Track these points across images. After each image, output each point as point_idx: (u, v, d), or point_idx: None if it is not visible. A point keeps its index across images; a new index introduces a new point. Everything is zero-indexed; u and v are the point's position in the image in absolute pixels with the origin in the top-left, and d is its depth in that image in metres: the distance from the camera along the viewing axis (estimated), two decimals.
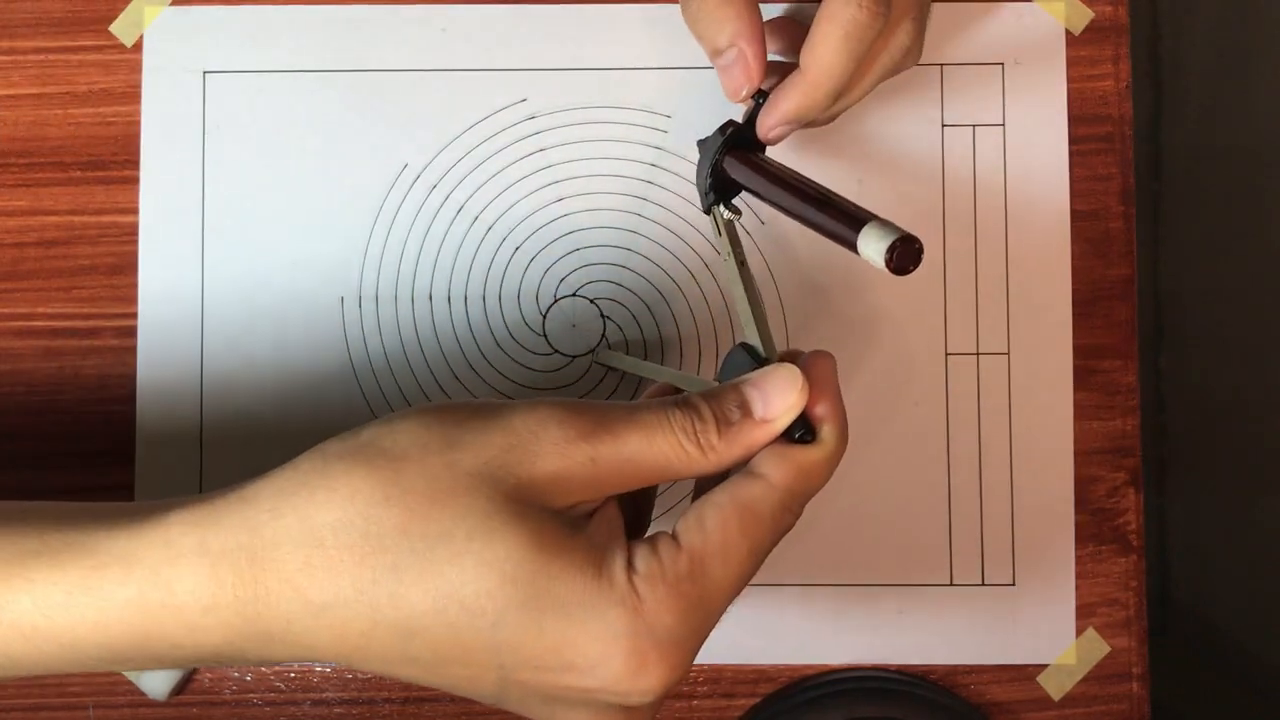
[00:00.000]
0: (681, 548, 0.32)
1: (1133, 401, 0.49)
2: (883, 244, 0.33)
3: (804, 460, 0.34)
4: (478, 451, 0.32)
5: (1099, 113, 0.49)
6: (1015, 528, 0.48)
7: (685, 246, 0.48)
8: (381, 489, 0.31)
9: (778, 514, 0.33)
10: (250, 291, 0.48)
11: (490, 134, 0.48)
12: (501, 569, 0.31)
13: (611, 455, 0.33)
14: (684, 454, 0.33)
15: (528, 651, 0.31)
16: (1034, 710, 0.48)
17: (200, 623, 0.32)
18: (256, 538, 0.32)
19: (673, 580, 0.32)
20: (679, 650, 0.32)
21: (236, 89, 0.48)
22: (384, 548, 0.31)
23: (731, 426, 0.34)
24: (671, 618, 0.31)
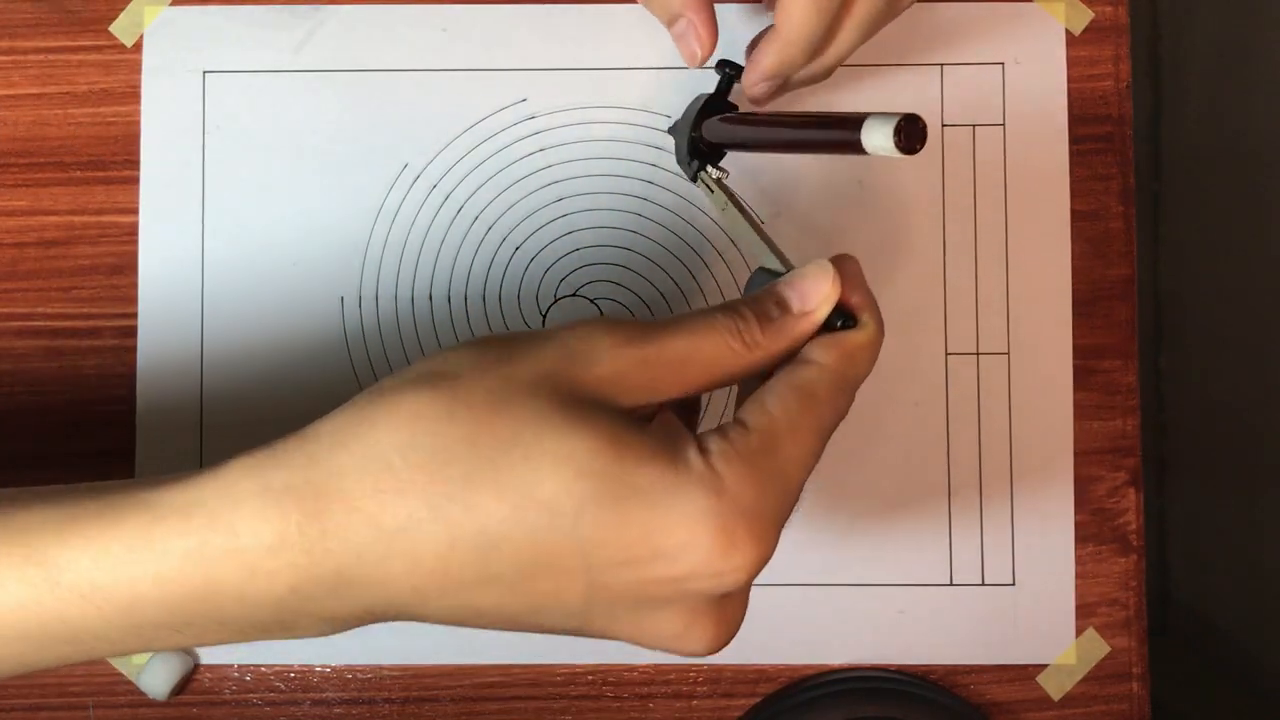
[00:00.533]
0: (750, 428, 0.32)
1: (1133, 401, 0.49)
2: (888, 129, 0.34)
3: (849, 344, 0.35)
4: (532, 364, 0.32)
5: (1099, 113, 0.49)
6: (1015, 528, 0.48)
7: (685, 246, 0.48)
8: (444, 405, 0.31)
9: (833, 395, 0.34)
10: (250, 291, 0.48)
11: (490, 134, 0.48)
12: (576, 463, 0.30)
13: (662, 356, 0.33)
14: (730, 351, 0.34)
15: (614, 545, 0.30)
16: (1034, 710, 0.48)
17: (265, 566, 0.30)
18: (320, 470, 0.31)
19: (748, 455, 0.32)
20: (765, 524, 0.31)
21: (236, 89, 0.48)
22: (454, 459, 0.30)
23: (773, 322, 0.34)
24: (753, 491, 0.31)
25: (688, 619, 0.32)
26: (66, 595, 0.31)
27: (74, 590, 0.31)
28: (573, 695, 0.48)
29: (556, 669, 0.48)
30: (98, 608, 0.31)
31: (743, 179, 0.48)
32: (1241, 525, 0.77)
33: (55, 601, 0.31)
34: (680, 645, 0.33)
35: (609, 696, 0.48)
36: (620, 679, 0.48)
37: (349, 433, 0.31)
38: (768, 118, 0.42)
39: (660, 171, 0.48)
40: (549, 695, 0.48)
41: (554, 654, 0.48)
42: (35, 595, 0.31)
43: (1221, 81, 0.81)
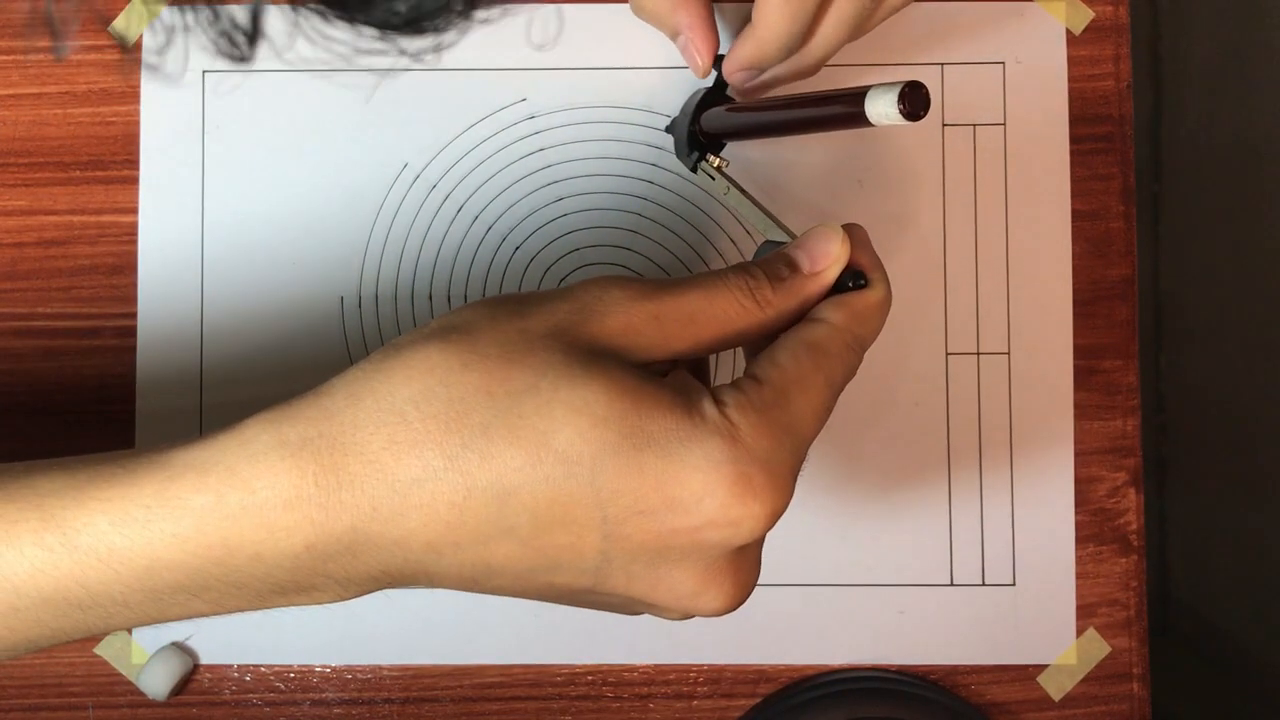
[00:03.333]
0: (762, 382, 0.33)
1: (1133, 401, 0.49)
2: (891, 97, 0.34)
3: (858, 303, 0.35)
4: (545, 317, 0.32)
5: (1099, 113, 0.49)
6: (1015, 528, 0.48)
7: (685, 246, 0.48)
8: (458, 357, 0.31)
9: (844, 352, 0.34)
10: (250, 291, 0.48)
11: (490, 134, 0.48)
12: (592, 412, 0.30)
13: (674, 311, 0.33)
14: (741, 308, 0.34)
15: (630, 494, 0.30)
16: (1034, 710, 0.48)
17: (282, 521, 0.30)
18: (335, 424, 0.31)
19: (762, 407, 0.32)
20: (781, 473, 0.32)
21: (236, 89, 0.48)
22: (469, 409, 0.30)
23: (784, 281, 0.35)
24: (768, 441, 0.31)
25: (704, 574, 0.32)
26: (84, 559, 0.31)
27: (91, 553, 0.31)
28: (573, 695, 0.48)
29: (556, 669, 0.48)
30: (115, 571, 0.31)
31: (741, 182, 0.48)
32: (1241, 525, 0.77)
33: (73, 565, 0.31)
34: (696, 603, 0.33)
35: (609, 696, 0.48)
36: (620, 679, 0.48)
37: (363, 386, 0.31)
38: (764, 102, 0.43)
39: (660, 171, 0.48)
40: (549, 695, 0.48)
41: (554, 654, 0.48)
42: (53, 559, 0.31)
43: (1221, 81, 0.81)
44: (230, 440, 0.31)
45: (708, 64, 0.44)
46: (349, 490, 0.30)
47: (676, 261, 0.48)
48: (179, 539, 0.31)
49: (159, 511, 0.31)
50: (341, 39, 0.24)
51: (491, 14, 0.24)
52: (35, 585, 0.31)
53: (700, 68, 0.44)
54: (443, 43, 0.24)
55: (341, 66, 0.24)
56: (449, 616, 0.48)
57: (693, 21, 0.43)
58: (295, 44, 0.24)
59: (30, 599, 0.31)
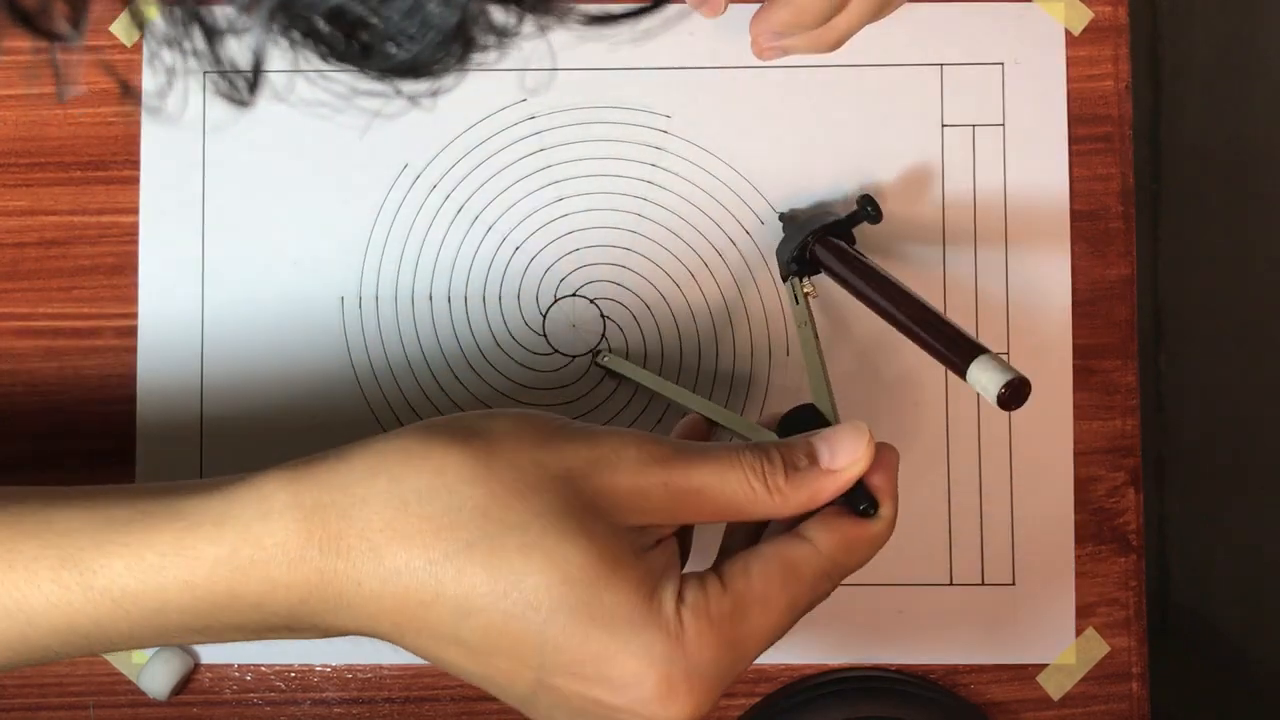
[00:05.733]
0: (726, 590, 0.34)
1: (1133, 401, 0.49)
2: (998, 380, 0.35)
3: (853, 532, 0.35)
4: (564, 457, 0.33)
5: (1099, 113, 0.49)
6: (1015, 527, 0.48)
7: (685, 246, 0.48)
8: (471, 468, 0.32)
9: (818, 579, 0.35)
10: (250, 291, 0.48)
11: (490, 134, 0.48)
12: (565, 569, 0.32)
13: (684, 484, 0.34)
14: (752, 492, 0.35)
15: (569, 655, 0.32)
16: (1034, 710, 0.48)
17: (284, 578, 0.32)
18: (347, 495, 0.32)
19: (715, 618, 0.33)
20: (708, 685, 0.33)
21: None
22: (461, 524, 0.32)
23: (799, 472, 0.35)
24: (709, 653, 0.32)
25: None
26: (99, 599, 0.32)
27: (106, 595, 0.32)
28: None
29: None
30: (126, 611, 0.33)
31: (751, 176, 0.48)
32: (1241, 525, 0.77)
33: (86, 604, 0.32)
34: None
35: None
36: None
37: (382, 465, 0.33)
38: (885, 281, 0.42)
39: (660, 171, 0.48)
40: None
41: None
42: (68, 597, 0.32)
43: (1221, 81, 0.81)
44: (249, 495, 0.33)
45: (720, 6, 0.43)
46: (344, 560, 0.32)
47: (676, 261, 0.48)
48: (189, 586, 0.32)
49: (174, 560, 0.32)
50: (340, 80, 0.25)
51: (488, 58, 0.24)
52: (49, 618, 0.33)
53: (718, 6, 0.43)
54: (440, 87, 0.25)
55: (340, 106, 0.25)
56: None
57: None
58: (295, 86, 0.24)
59: (41, 629, 0.33)
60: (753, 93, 0.48)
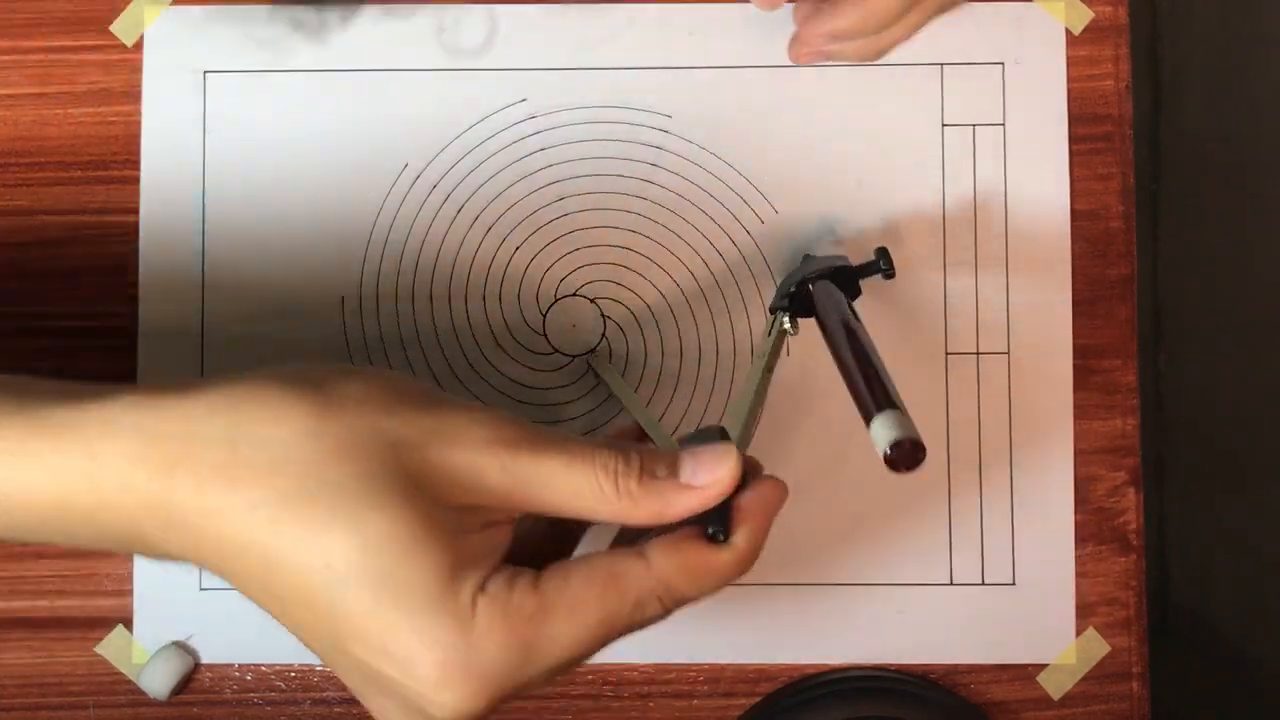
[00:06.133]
0: (537, 589, 0.32)
1: (1133, 401, 0.49)
2: (889, 436, 0.34)
3: (694, 558, 0.34)
4: (404, 425, 0.33)
5: (1099, 113, 0.49)
6: (1015, 527, 0.48)
7: (685, 246, 0.48)
8: (305, 423, 0.32)
9: (644, 600, 0.33)
10: (250, 291, 0.48)
11: (490, 134, 0.48)
12: (367, 536, 0.31)
13: (526, 470, 0.33)
14: (598, 490, 0.33)
15: (358, 623, 0.31)
16: (1034, 710, 0.48)
17: (113, 498, 0.32)
18: (186, 429, 0.32)
19: (513, 614, 0.32)
20: (489, 681, 0.32)
21: (236, 89, 0.48)
22: (282, 475, 0.32)
23: (654, 481, 0.34)
24: (495, 649, 0.32)
25: (405, 715, 0.33)
26: None
27: None
28: (573, 695, 0.48)
29: None
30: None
31: (751, 176, 0.48)
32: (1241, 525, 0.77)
33: None
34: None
35: (609, 696, 0.48)
36: (620, 679, 0.48)
37: (226, 405, 0.33)
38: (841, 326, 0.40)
39: (660, 171, 0.48)
40: (549, 695, 0.48)
41: None
42: None
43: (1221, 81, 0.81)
44: (97, 413, 0.33)
45: None
46: (170, 492, 0.32)
47: (676, 261, 0.48)
48: (27, 487, 0.33)
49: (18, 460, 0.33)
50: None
51: None
52: None
53: None
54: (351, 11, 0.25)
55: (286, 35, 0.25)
56: None
57: None
58: None
59: None
60: (753, 93, 0.48)
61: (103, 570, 0.48)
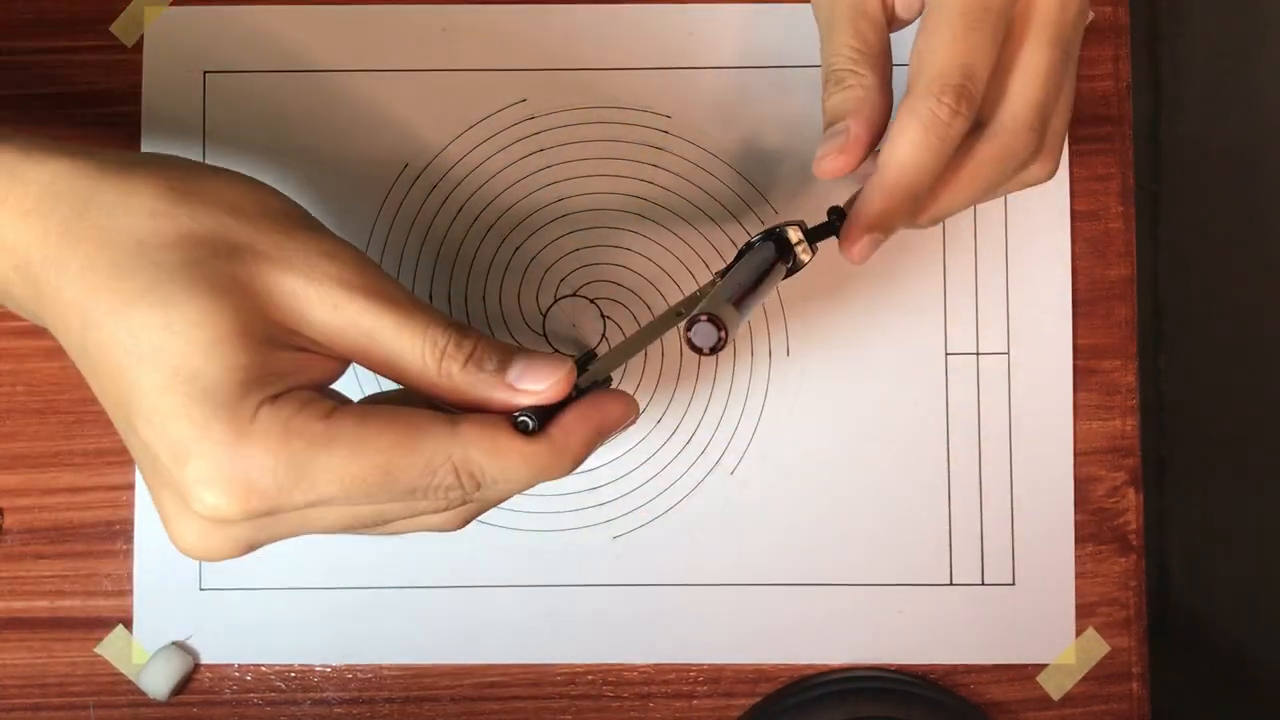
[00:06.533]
0: (326, 419, 0.32)
1: (1132, 401, 0.49)
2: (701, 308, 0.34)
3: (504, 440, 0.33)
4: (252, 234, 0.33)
5: (1099, 113, 0.49)
6: (1015, 527, 0.48)
7: (685, 246, 0.48)
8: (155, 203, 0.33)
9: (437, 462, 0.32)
10: None
11: (490, 134, 0.48)
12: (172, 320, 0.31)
13: (355, 318, 0.33)
14: (420, 360, 0.33)
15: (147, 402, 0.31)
16: (1034, 710, 0.48)
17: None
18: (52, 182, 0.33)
19: (293, 433, 0.32)
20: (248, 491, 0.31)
21: (236, 89, 0.48)
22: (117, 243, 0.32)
23: (479, 372, 0.34)
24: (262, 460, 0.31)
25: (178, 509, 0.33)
26: None
27: None
28: (573, 695, 0.48)
29: (556, 669, 0.48)
30: None
31: (751, 176, 0.48)
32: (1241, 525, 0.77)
33: None
34: (166, 527, 0.34)
35: (609, 696, 0.48)
36: (620, 679, 0.48)
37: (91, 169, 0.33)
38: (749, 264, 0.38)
39: (660, 172, 0.48)
40: (549, 695, 0.48)
41: (554, 654, 0.48)
42: None
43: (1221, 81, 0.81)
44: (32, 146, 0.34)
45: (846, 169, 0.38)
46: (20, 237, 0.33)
47: (676, 261, 0.48)
48: None
49: None
50: None
51: None
52: None
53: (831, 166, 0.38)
54: None
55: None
56: (449, 616, 0.48)
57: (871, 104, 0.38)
58: None
59: None
60: (753, 93, 0.48)
61: (103, 570, 0.48)
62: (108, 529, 0.48)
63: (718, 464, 0.48)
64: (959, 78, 0.37)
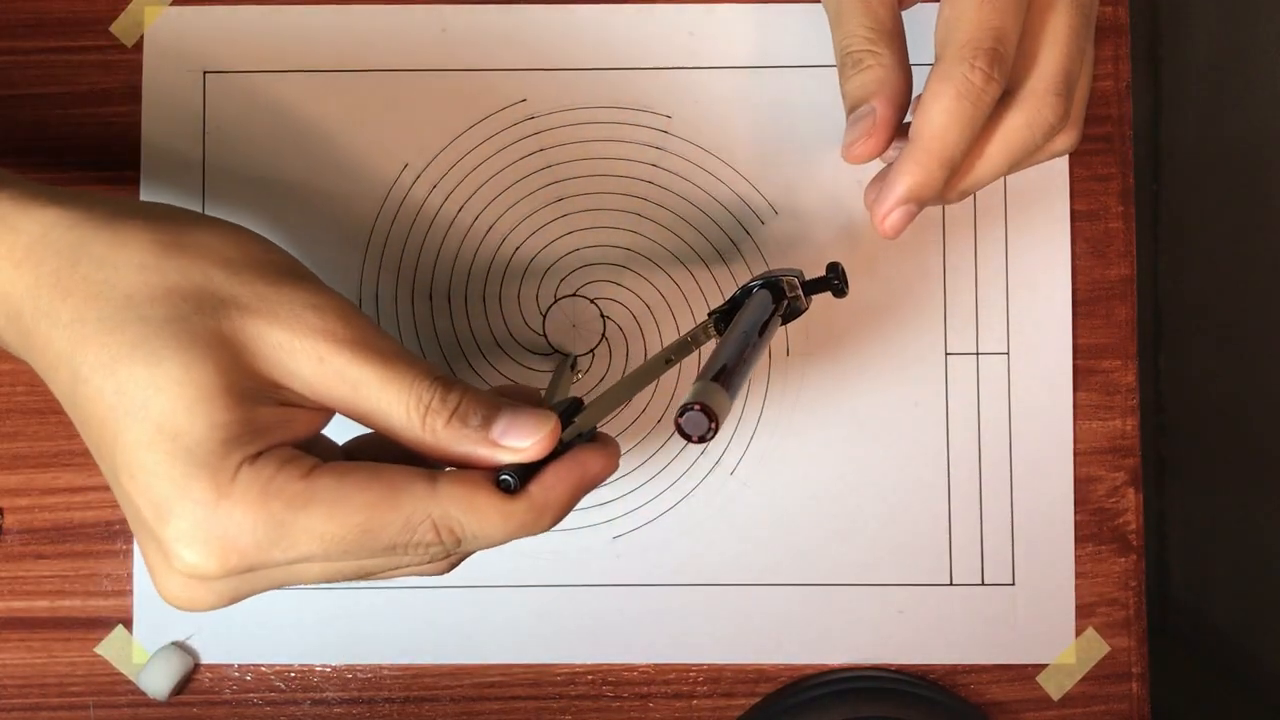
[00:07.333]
0: (306, 478, 0.32)
1: (1132, 401, 0.49)
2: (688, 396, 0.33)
3: (483, 498, 0.33)
4: (239, 286, 0.33)
5: (1099, 113, 0.49)
6: (1015, 527, 0.48)
7: (685, 246, 0.48)
8: (143, 256, 0.33)
9: (416, 521, 0.33)
10: None
11: (490, 134, 0.48)
12: (156, 377, 0.31)
13: (341, 371, 0.33)
14: (405, 416, 0.33)
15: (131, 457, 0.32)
16: (1034, 710, 0.48)
17: None
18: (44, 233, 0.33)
19: (272, 493, 0.32)
20: (227, 550, 0.32)
21: (236, 89, 0.48)
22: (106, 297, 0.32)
23: (464, 428, 0.34)
24: (242, 520, 0.31)
25: (162, 563, 0.33)
26: None
27: None
28: (573, 695, 0.48)
29: (556, 669, 0.48)
30: None
31: (751, 176, 0.48)
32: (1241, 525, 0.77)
33: None
34: (151, 577, 0.34)
35: (609, 696, 0.48)
36: (620, 679, 0.48)
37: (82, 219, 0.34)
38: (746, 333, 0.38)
39: (660, 172, 0.48)
40: (549, 695, 0.48)
41: (554, 654, 0.48)
42: None
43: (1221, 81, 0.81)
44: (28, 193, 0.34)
45: (874, 152, 0.39)
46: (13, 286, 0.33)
47: (676, 261, 0.48)
48: None
49: None
50: None
51: None
52: None
53: (860, 151, 0.39)
54: None
55: None
56: (449, 616, 0.48)
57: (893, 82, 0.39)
58: None
59: None
60: (753, 93, 0.48)
61: (103, 570, 0.48)
62: (108, 529, 0.48)
63: (718, 464, 0.48)
64: (990, 41, 0.37)
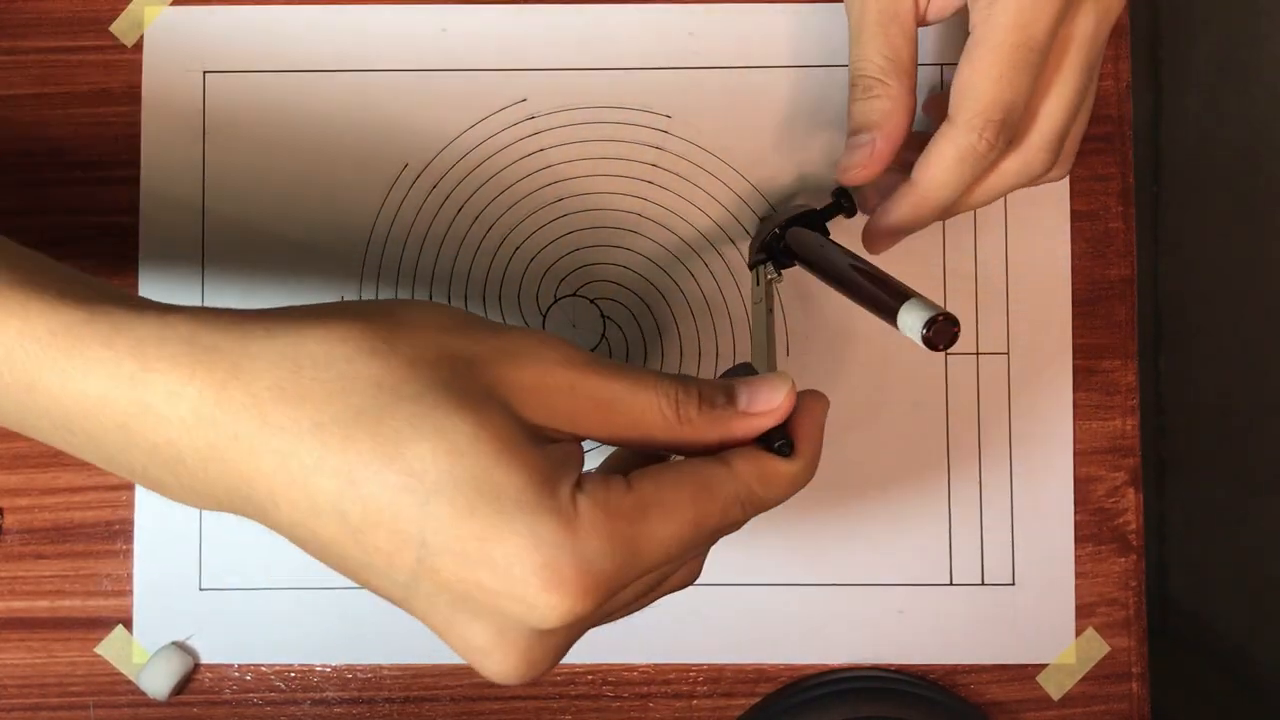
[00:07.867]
0: (631, 489, 0.32)
1: (1132, 401, 0.49)
2: (921, 317, 0.36)
3: (771, 467, 0.35)
4: (471, 343, 0.32)
5: (1099, 113, 0.49)
6: (1015, 527, 0.48)
7: (685, 246, 0.48)
8: (371, 342, 0.31)
9: (730, 502, 0.33)
10: (250, 292, 0.48)
11: (490, 134, 0.48)
12: (454, 442, 0.30)
13: (592, 391, 0.33)
14: (661, 416, 0.34)
15: (452, 532, 0.30)
16: (1034, 710, 0.48)
17: (157, 406, 0.31)
18: (242, 347, 0.31)
19: (614, 512, 0.31)
20: (596, 579, 0.31)
21: (236, 89, 0.48)
22: (353, 390, 0.31)
23: (714, 409, 0.34)
24: (600, 545, 0.31)
25: (496, 638, 0.32)
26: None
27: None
28: (573, 695, 0.48)
29: (556, 669, 0.48)
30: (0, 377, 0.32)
31: (751, 176, 0.48)
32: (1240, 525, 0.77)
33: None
34: (480, 662, 0.32)
35: (609, 696, 0.48)
36: (620, 679, 0.48)
37: (283, 327, 0.32)
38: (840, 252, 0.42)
39: (660, 172, 0.48)
40: (549, 695, 0.48)
41: None
42: None
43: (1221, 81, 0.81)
44: (154, 317, 0.32)
45: (868, 176, 0.42)
46: (223, 409, 0.31)
47: (676, 261, 0.48)
48: (66, 376, 0.31)
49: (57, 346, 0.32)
50: None
51: None
52: None
53: (855, 173, 0.42)
54: None
55: None
56: None
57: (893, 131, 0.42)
58: None
59: None
60: (753, 93, 0.48)
61: (103, 570, 0.48)
62: (108, 529, 0.48)
63: None
64: (1001, 114, 0.40)
